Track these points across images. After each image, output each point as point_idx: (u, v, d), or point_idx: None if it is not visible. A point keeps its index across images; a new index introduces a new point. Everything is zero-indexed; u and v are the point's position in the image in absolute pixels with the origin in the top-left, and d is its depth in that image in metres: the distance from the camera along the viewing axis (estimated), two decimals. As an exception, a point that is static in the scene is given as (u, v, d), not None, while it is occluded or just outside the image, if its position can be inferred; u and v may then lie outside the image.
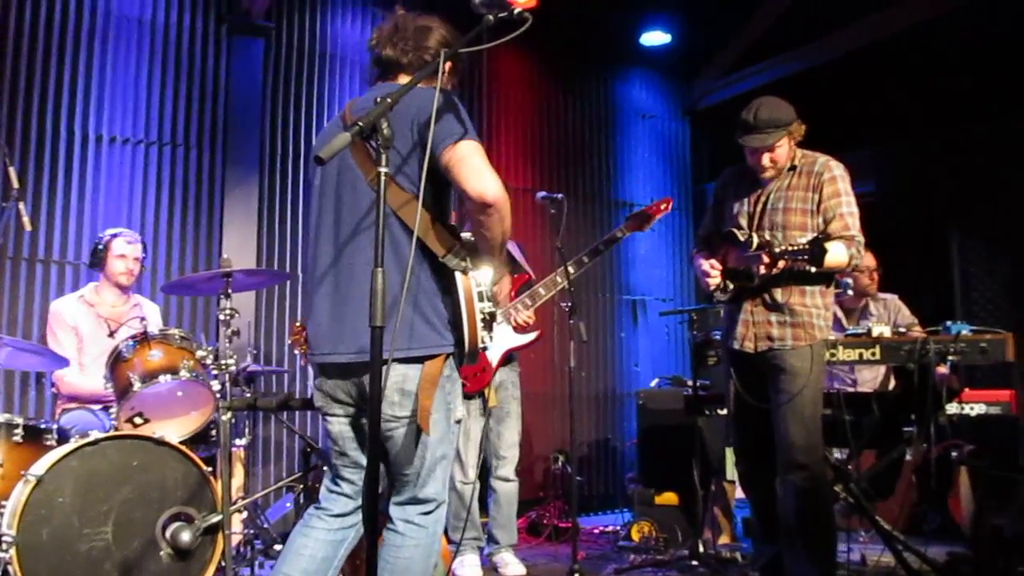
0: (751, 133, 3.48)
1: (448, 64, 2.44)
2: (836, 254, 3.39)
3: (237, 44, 5.89)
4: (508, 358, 4.47)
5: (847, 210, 3.49)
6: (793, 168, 3.59)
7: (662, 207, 4.56)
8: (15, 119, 5.19)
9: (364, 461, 2.49)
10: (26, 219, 3.50)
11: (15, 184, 3.50)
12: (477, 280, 2.43)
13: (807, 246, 3.22)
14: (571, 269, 4.24)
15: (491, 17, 2.17)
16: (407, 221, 2.34)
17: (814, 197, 3.52)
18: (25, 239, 5.13)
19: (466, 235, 2.49)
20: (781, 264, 3.35)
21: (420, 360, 2.39)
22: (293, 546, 2.55)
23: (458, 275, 2.40)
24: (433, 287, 2.40)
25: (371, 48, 2.61)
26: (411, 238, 2.27)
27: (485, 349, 2.47)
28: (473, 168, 2.28)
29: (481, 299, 2.42)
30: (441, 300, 2.41)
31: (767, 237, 3.45)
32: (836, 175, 3.53)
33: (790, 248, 3.27)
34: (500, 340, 4.37)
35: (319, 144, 2.63)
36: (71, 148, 5.36)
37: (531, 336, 4.48)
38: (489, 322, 2.44)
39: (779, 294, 3.51)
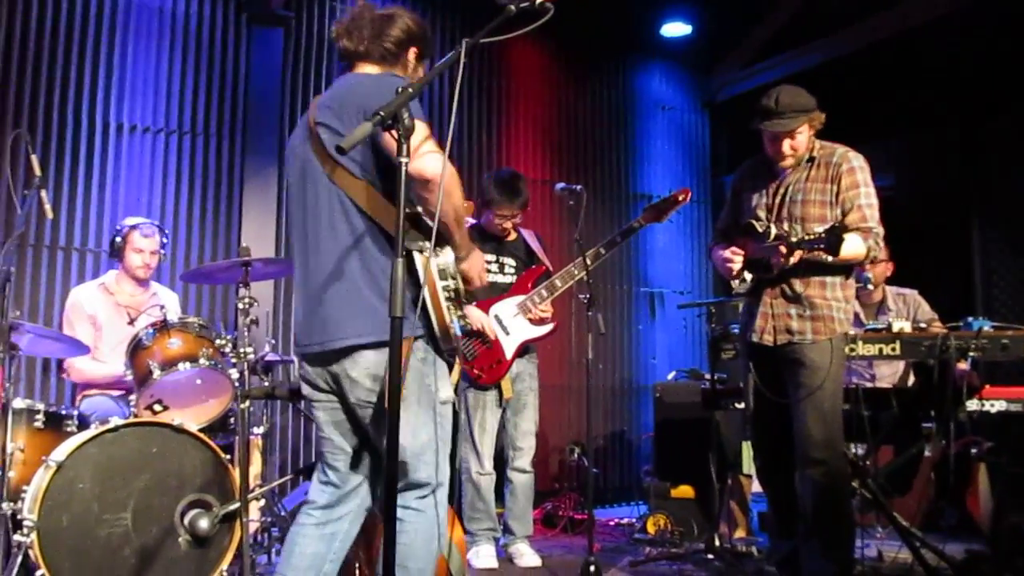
0: (772, 118, 3.45)
1: (413, 54, 2.58)
2: (853, 245, 3.36)
3: (257, 34, 5.91)
4: (525, 349, 4.46)
5: (865, 201, 3.45)
6: (812, 160, 3.55)
7: (680, 198, 4.51)
8: (37, 108, 5.23)
9: (348, 447, 2.57)
10: (47, 207, 3.50)
11: (37, 172, 3.51)
12: (440, 259, 2.41)
13: (823, 235, 3.18)
14: (588, 260, 4.22)
15: (513, 7, 2.15)
16: (362, 206, 2.39)
17: (832, 188, 3.49)
18: (46, 226, 5.17)
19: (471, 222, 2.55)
20: (798, 255, 3.31)
21: (387, 344, 2.37)
22: (287, 544, 2.60)
23: (417, 256, 2.36)
24: (389, 269, 2.36)
25: (333, 40, 2.65)
26: (368, 223, 2.37)
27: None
28: (418, 145, 2.23)
29: (444, 277, 2.40)
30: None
31: (785, 228, 3.43)
32: (855, 166, 3.49)
33: (806, 237, 3.24)
34: (516, 332, 4.37)
35: (290, 149, 2.64)
36: (92, 136, 5.39)
37: (547, 328, 4.47)
38: (456, 300, 2.42)
39: (798, 286, 3.48)
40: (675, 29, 7.28)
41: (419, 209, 2.42)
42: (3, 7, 5.19)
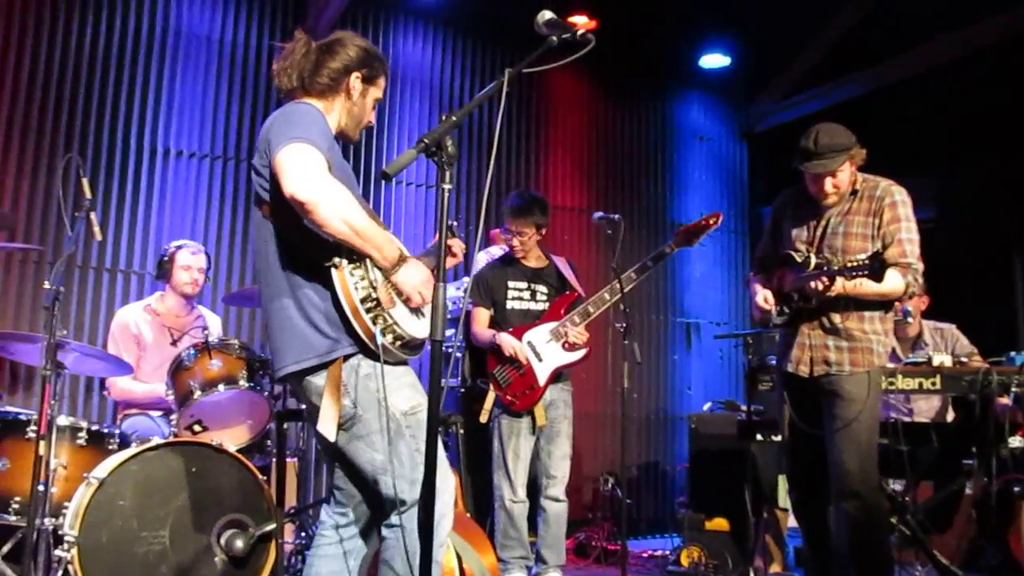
0: (812, 160, 3.44)
1: (356, 78, 2.61)
2: (892, 282, 3.32)
3: (301, 62, 6.01)
4: (558, 376, 4.46)
5: (906, 236, 3.42)
6: (855, 193, 3.53)
7: (711, 221, 4.42)
8: (88, 132, 5.38)
9: (342, 466, 2.63)
10: (96, 228, 3.60)
11: (87, 194, 3.61)
12: (360, 272, 2.38)
13: (867, 261, 3.15)
14: (620, 286, 4.22)
15: (555, 38, 2.20)
16: (286, 236, 2.45)
17: (875, 222, 3.46)
18: (93, 248, 5.30)
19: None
20: (840, 282, 3.29)
21: (323, 367, 2.42)
22: (306, 569, 2.64)
23: (332, 272, 2.37)
24: (315, 292, 2.43)
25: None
26: (292, 252, 2.44)
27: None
28: (284, 170, 2.27)
29: (361, 289, 2.37)
30: (325, 303, 2.42)
31: (826, 257, 3.41)
32: (897, 200, 3.46)
33: (849, 264, 3.21)
34: (549, 358, 4.38)
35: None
36: (140, 161, 5.53)
37: (580, 354, 4.43)
38: (376, 309, 2.37)
39: (837, 318, 3.45)
40: (714, 60, 7.31)
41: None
42: (57, 36, 5.36)
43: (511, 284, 4.53)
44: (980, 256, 6.33)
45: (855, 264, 3.18)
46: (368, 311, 2.35)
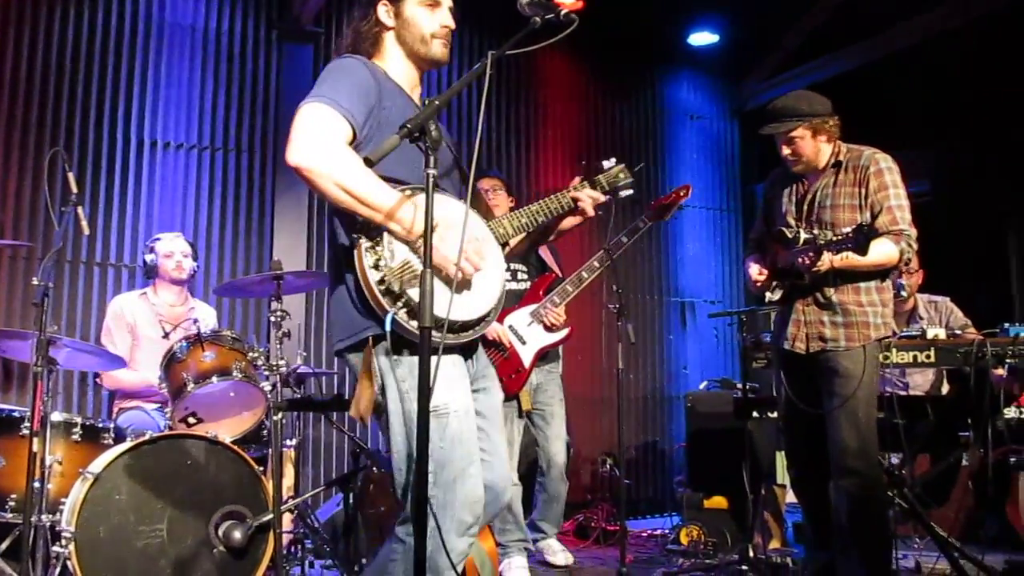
0: (766, 122, 3.45)
1: (384, 10, 2.45)
2: (885, 249, 3.31)
3: (288, 50, 5.99)
4: (544, 357, 4.45)
5: (895, 203, 3.39)
6: (839, 164, 3.51)
7: (681, 194, 4.36)
8: (74, 126, 5.34)
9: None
10: (84, 223, 3.57)
11: (74, 189, 3.58)
12: (378, 249, 2.19)
13: (850, 234, 3.13)
14: (597, 263, 4.25)
15: (538, 19, 2.17)
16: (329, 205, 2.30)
17: (862, 192, 3.44)
18: (83, 243, 5.27)
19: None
20: (827, 257, 3.28)
21: (359, 348, 2.27)
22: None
23: (353, 250, 2.22)
24: (352, 268, 2.23)
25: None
26: (340, 228, 2.33)
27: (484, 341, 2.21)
28: (291, 134, 2.13)
29: (377, 269, 2.17)
30: (357, 279, 2.21)
31: (815, 232, 3.39)
32: (883, 167, 3.43)
33: (834, 239, 3.20)
34: (532, 340, 4.37)
35: None
36: (127, 153, 5.49)
37: (562, 334, 4.42)
38: (390, 292, 2.16)
39: (831, 292, 3.44)
40: (703, 38, 7.27)
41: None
42: (40, 29, 5.31)
43: None
44: (974, 229, 6.33)
45: (839, 239, 3.16)
46: (384, 291, 2.15)
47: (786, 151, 3.49)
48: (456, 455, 2.19)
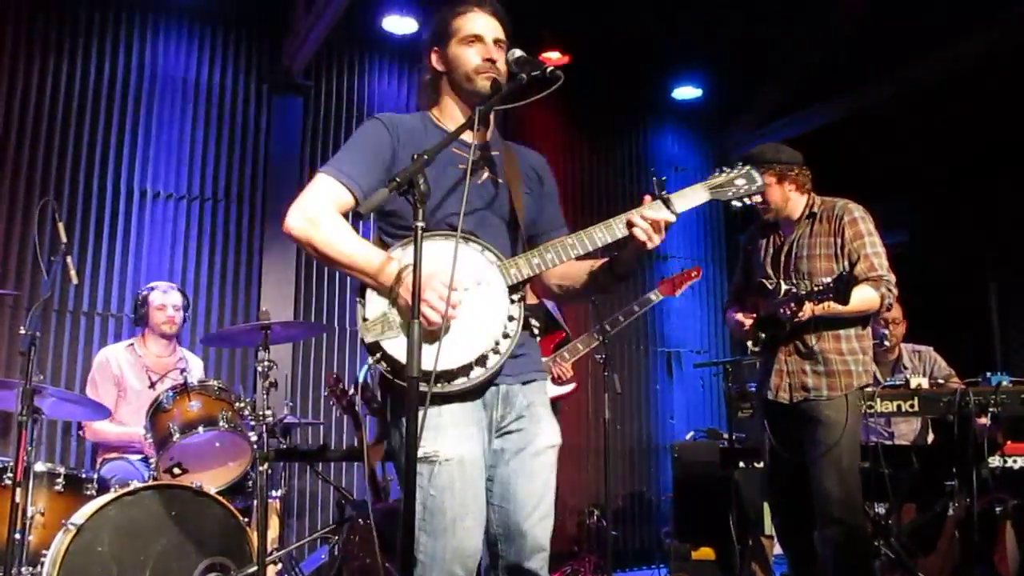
0: None
1: (435, 57, 2.40)
2: (866, 295, 3.38)
3: (277, 102, 6.07)
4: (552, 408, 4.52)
5: (871, 250, 3.48)
6: (813, 215, 3.60)
7: (693, 275, 4.79)
8: (64, 175, 5.38)
9: None
10: (73, 272, 3.58)
11: (63, 238, 3.60)
12: (363, 300, 2.22)
13: (831, 284, 3.20)
14: (608, 327, 4.51)
15: (524, 76, 2.21)
16: None
17: (837, 241, 3.53)
18: (70, 291, 5.27)
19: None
20: (808, 308, 3.33)
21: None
22: None
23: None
24: None
25: None
26: None
27: (409, 377, 1.96)
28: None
29: (361, 320, 2.22)
30: None
31: (794, 282, 3.45)
32: (856, 216, 3.53)
33: (815, 289, 3.26)
34: None
35: None
36: (116, 203, 5.53)
37: (569, 387, 4.63)
38: (366, 342, 2.19)
39: (812, 340, 3.48)
40: (686, 92, 7.43)
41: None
42: (32, 79, 5.37)
43: None
44: (954, 279, 6.40)
45: (820, 288, 3.23)
46: (366, 344, 2.18)
47: (755, 198, 3.57)
48: (447, 505, 2.15)
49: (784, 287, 3.39)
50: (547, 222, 2.52)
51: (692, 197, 2.44)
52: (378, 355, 2.17)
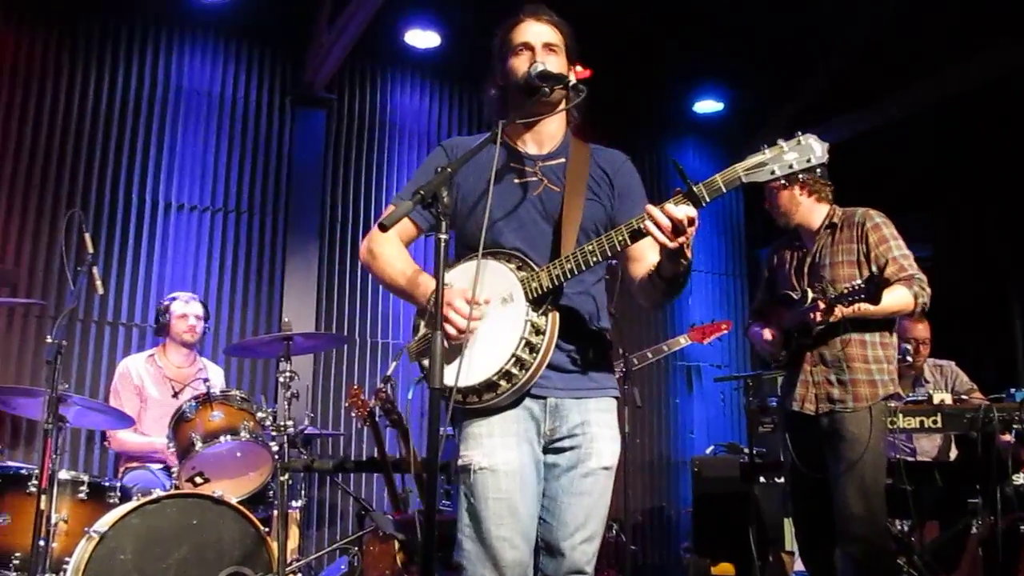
0: None
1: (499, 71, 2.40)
2: (899, 296, 3.34)
3: (300, 115, 6.12)
4: None
5: (899, 253, 3.45)
6: (834, 225, 3.59)
7: (722, 327, 4.96)
8: (90, 187, 5.46)
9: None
10: (98, 282, 3.63)
11: (90, 249, 3.65)
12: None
13: (862, 285, 3.18)
14: (635, 361, 4.69)
15: (547, 89, 2.22)
16: None
17: (861, 248, 3.50)
18: (95, 301, 5.33)
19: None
20: (839, 310, 3.30)
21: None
22: None
23: None
24: None
25: None
26: None
27: (432, 388, 1.97)
28: None
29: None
30: None
31: (819, 288, 3.42)
32: (878, 222, 3.51)
33: (845, 291, 3.23)
34: None
35: None
36: (141, 215, 5.59)
37: None
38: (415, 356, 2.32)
39: (838, 346, 3.44)
40: (707, 106, 7.41)
41: None
42: (60, 93, 5.46)
43: None
44: (978, 293, 6.35)
45: (850, 290, 3.20)
46: (410, 361, 2.33)
47: (768, 204, 3.59)
48: (483, 514, 2.17)
49: (812, 295, 3.36)
50: (627, 219, 2.31)
51: (722, 182, 2.23)
52: (422, 373, 2.27)
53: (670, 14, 6.12)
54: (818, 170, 3.52)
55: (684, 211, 2.11)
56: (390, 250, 2.35)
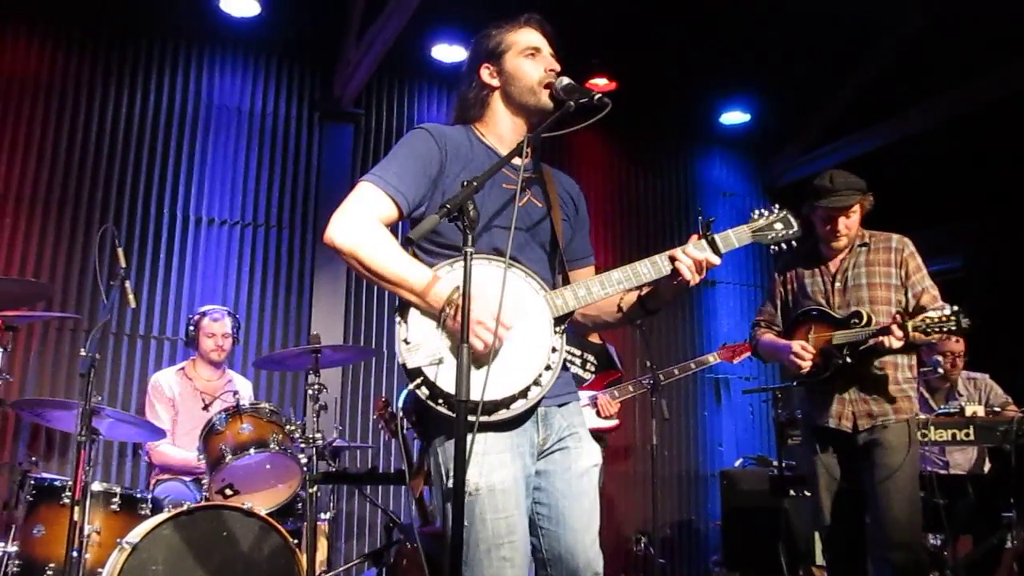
0: (828, 196, 3.50)
1: (487, 72, 2.35)
2: None
3: (328, 130, 6.19)
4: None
5: (930, 283, 3.55)
6: (865, 244, 3.60)
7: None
8: (123, 203, 5.54)
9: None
10: (131, 296, 3.68)
11: (123, 263, 3.70)
12: (405, 320, 2.19)
13: (951, 316, 3.20)
14: (661, 377, 4.76)
15: (572, 103, 2.21)
16: None
17: (899, 273, 3.55)
18: (127, 315, 5.40)
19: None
20: (917, 337, 3.30)
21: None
22: None
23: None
24: None
25: None
26: None
27: (458, 401, 1.91)
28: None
29: (406, 339, 2.17)
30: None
31: (861, 311, 3.44)
32: (913, 251, 3.59)
33: (929, 320, 3.24)
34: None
35: None
36: (172, 229, 5.67)
37: (611, 423, 4.78)
38: (406, 366, 2.15)
39: (876, 367, 3.47)
40: (734, 117, 7.40)
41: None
42: (93, 111, 5.56)
43: (566, 348, 4.64)
44: (1010, 304, 6.27)
45: (939, 320, 3.22)
46: (407, 368, 2.12)
47: (841, 226, 3.55)
48: (480, 536, 2.09)
49: (865, 314, 3.42)
50: (578, 250, 2.49)
51: (736, 239, 2.47)
52: (420, 379, 2.11)
53: (699, 27, 6.12)
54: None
55: (708, 256, 2.35)
56: (382, 235, 2.16)
